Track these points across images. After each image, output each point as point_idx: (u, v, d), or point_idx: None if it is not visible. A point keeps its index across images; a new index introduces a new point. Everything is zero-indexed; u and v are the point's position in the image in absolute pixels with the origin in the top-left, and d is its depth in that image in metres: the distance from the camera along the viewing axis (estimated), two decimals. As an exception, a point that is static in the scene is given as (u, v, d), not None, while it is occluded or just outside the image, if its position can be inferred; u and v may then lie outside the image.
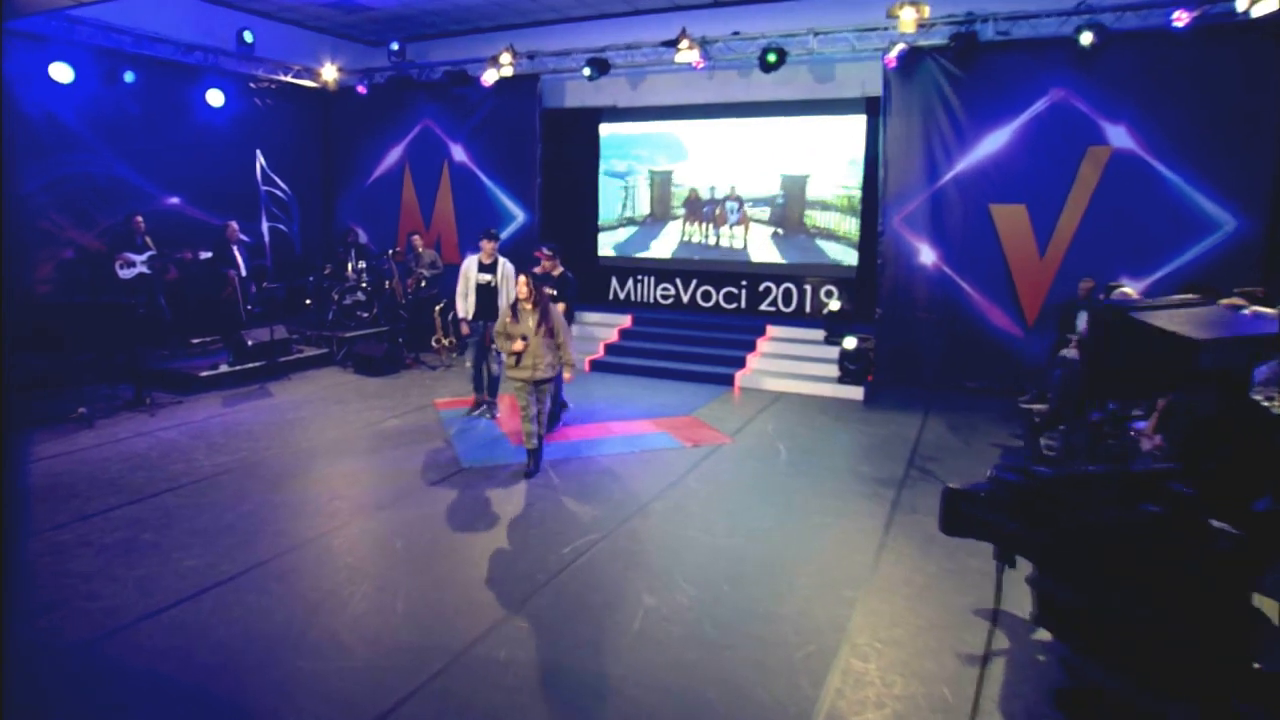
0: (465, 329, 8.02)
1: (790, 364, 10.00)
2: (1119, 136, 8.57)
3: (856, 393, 9.23)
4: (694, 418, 8.20)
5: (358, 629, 3.90)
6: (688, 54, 10.02)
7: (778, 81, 11.06)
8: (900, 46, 9.17)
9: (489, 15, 11.88)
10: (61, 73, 8.95)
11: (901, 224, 9.76)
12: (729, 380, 9.79)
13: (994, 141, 9.22)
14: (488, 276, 7.85)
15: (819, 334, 10.42)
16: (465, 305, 7.88)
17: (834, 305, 10.39)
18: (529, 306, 6.02)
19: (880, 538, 5.21)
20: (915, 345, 9.90)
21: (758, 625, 4.04)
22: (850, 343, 9.31)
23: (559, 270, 7.55)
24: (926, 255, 9.70)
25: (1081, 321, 5.40)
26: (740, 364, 10.08)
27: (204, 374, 8.88)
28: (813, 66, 10.83)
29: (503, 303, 7.70)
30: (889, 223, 9.80)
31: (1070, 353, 7.42)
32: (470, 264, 7.94)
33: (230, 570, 4.48)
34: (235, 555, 4.68)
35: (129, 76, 9.61)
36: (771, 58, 9.82)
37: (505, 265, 7.93)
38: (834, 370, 9.60)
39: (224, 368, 9.13)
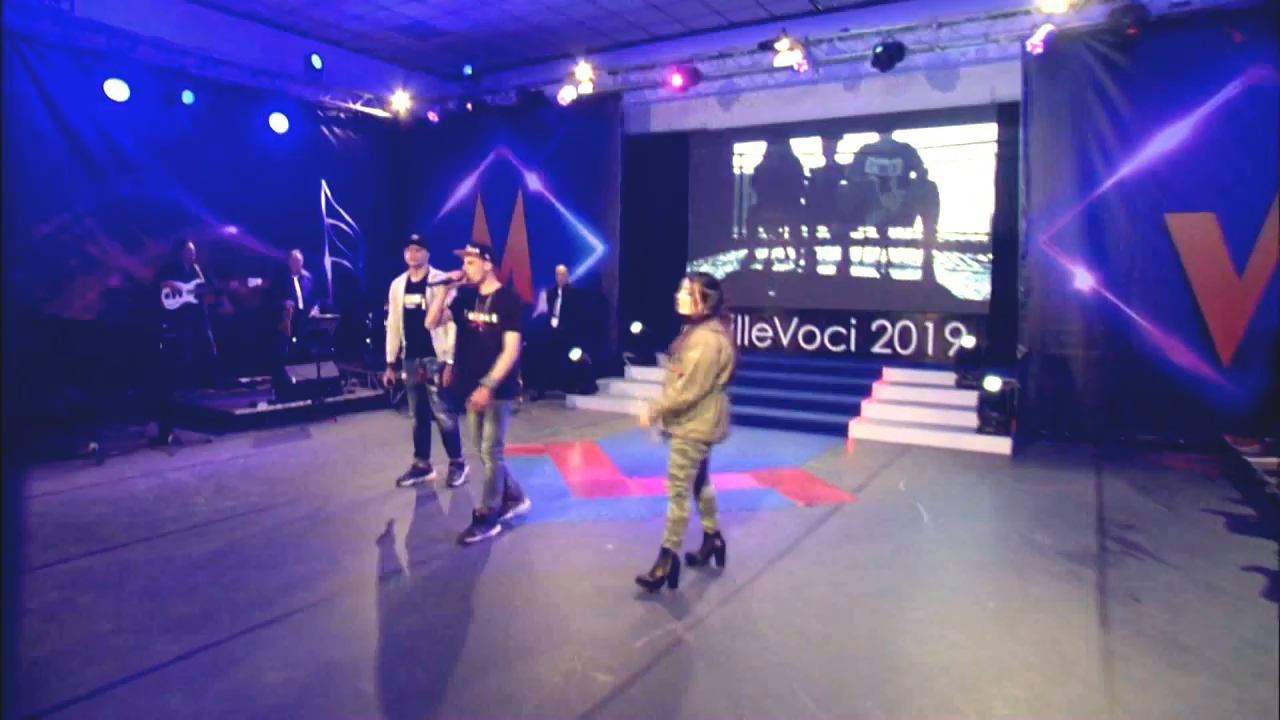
0: (389, 376, 5.94)
1: (915, 411, 8.32)
2: (1347, 119, 6.77)
3: (1002, 445, 7.46)
4: (803, 470, 6.64)
5: (310, 764, 2.52)
6: (789, 56, 8.77)
7: (889, 90, 9.76)
8: (1047, 29, 7.67)
9: (568, 37, 11.04)
10: (117, 90, 8.43)
11: (1049, 243, 8.08)
12: (840, 430, 8.18)
13: (1169, 138, 7.52)
14: (416, 298, 5.70)
15: (947, 377, 8.75)
16: (393, 340, 5.85)
17: (966, 342, 8.68)
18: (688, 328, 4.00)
19: (1100, 639, 3.51)
20: (1069, 389, 8.08)
21: (946, 790, 2.44)
22: (993, 384, 7.58)
23: (495, 285, 4.74)
24: (1082, 279, 7.96)
25: None
26: (854, 411, 8.46)
27: (240, 412, 7.90)
28: (930, 73, 9.44)
29: (442, 331, 5.46)
30: (1033, 242, 8.13)
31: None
32: (396, 286, 5.83)
33: (164, 654, 3.19)
34: (181, 631, 3.40)
35: (188, 97, 9.05)
36: (879, 50, 8.44)
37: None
38: (971, 419, 7.87)
39: (263, 406, 8.14)
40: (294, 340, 9.14)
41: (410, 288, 5.79)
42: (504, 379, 4.51)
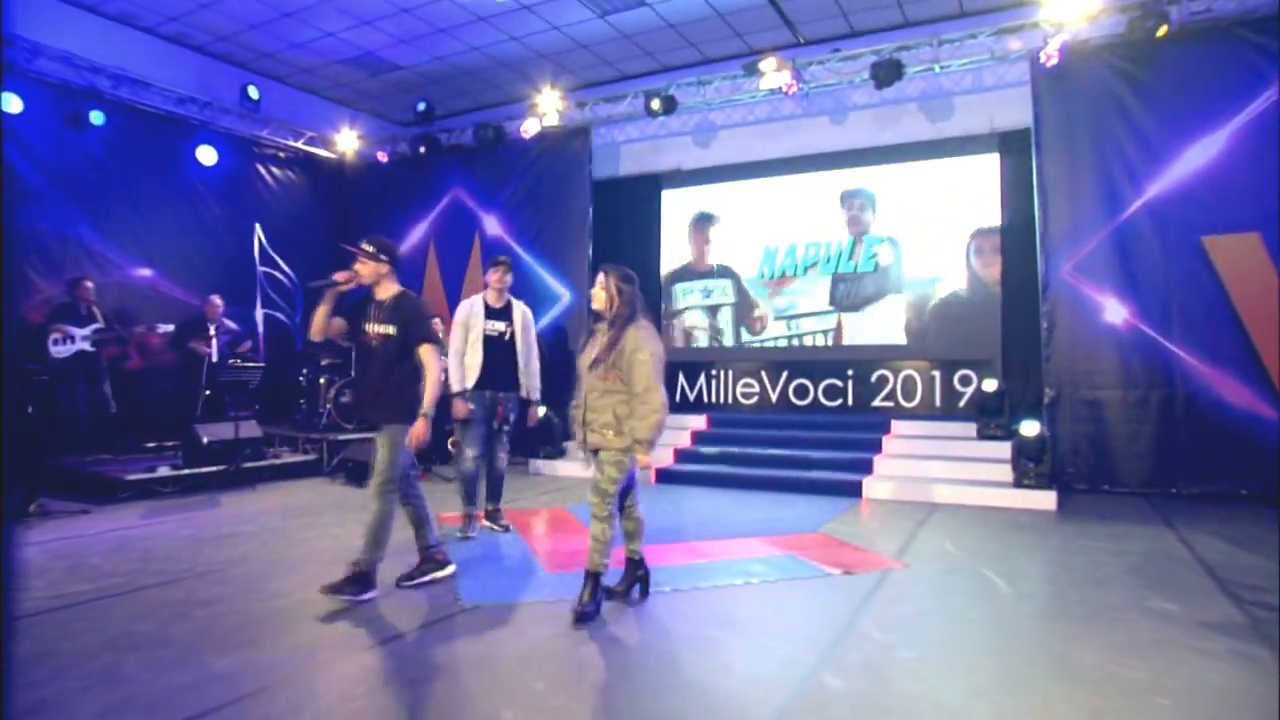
0: (463, 408, 5.14)
1: (937, 466, 7.25)
2: (1405, 124, 6.12)
3: (1045, 499, 6.37)
4: (824, 534, 5.43)
5: None
6: (776, 77, 8.01)
7: (880, 123, 9.09)
8: (1061, 40, 7.02)
9: (531, 74, 10.22)
10: (8, 103, 7.26)
11: (1074, 273, 7.24)
12: (853, 489, 7.02)
13: (1200, 154, 6.82)
14: (500, 325, 5.27)
15: (964, 428, 7.76)
16: (463, 369, 5.20)
17: (987, 386, 7.71)
18: (603, 326, 3.74)
19: (1351, 755, 2.34)
20: (1106, 435, 7.10)
21: None
22: (1030, 429, 6.54)
23: (395, 290, 3.96)
24: (1113, 311, 7.10)
25: None
26: (866, 469, 7.35)
27: (131, 477, 6.46)
28: (924, 104, 8.83)
29: (523, 364, 5.34)
30: (1055, 273, 7.29)
31: None
32: (471, 308, 5.27)
33: None
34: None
35: (98, 118, 7.90)
36: (876, 67, 7.71)
37: (524, 312, 5.44)
38: (1000, 471, 6.83)
39: (164, 471, 6.71)
40: (207, 393, 7.75)
41: (490, 313, 5.29)
42: (403, 399, 3.87)
